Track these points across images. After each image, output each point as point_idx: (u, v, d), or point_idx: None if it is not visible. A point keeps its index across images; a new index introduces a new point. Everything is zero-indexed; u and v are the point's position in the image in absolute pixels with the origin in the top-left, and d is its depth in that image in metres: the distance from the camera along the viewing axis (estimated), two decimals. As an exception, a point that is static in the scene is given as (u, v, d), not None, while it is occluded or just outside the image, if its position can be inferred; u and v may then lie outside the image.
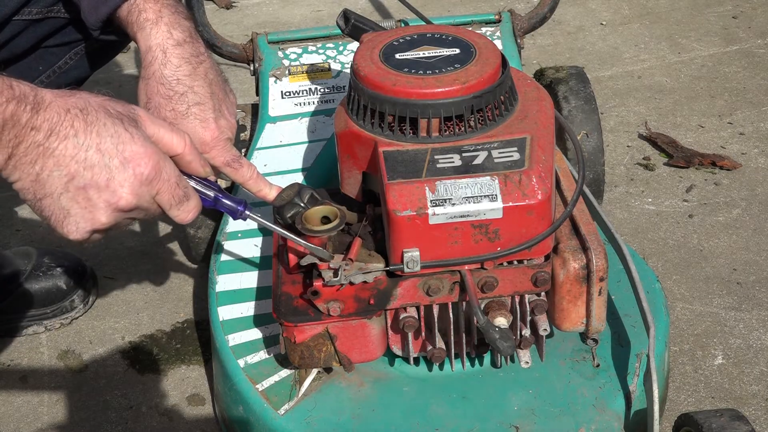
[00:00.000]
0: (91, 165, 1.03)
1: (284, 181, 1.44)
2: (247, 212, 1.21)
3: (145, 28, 1.29)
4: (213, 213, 1.74)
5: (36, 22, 1.44)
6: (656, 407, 1.24)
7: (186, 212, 1.12)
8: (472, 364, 1.35)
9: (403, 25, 1.78)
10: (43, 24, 1.45)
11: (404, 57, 1.28)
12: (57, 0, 1.43)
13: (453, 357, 1.31)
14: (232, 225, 1.57)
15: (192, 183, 1.15)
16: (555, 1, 1.88)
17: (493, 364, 1.36)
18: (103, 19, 1.33)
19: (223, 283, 1.49)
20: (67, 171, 1.02)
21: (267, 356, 1.38)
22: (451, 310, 1.25)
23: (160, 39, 1.29)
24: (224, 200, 1.20)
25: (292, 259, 1.25)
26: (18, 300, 1.73)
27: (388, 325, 1.28)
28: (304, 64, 1.76)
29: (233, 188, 1.62)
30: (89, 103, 1.05)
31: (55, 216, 1.05)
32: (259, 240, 1.55)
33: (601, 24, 2.84)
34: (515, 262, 1.23)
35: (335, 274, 1.20)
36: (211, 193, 1.18)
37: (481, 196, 1.16)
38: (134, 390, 1.61)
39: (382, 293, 1.22)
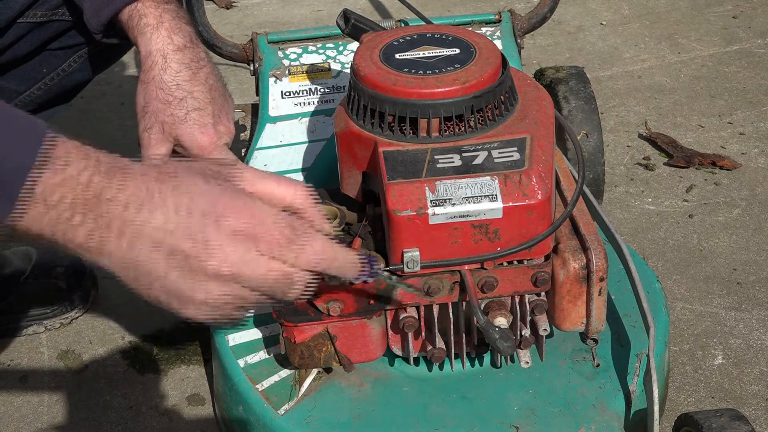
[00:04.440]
0: (183, 233, 0.88)
1: (284, 181, 1.44)
2: (379, 268, 1.05)
3: (146, 33, 1.29)
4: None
5: (40, 25, 1.44)
6: (656, 407, 1.24)
7: (304, 256, 0.91)
8: (472, 364, 1.36)
9: (403, 25, 1.78)
10: (47, 27, 1.45)
11: (404, 57, 1.28)
12: (61, 3, 1.43)
13: (453, 357, 1.31)
14: (232, 225, 1.57)
15: None
16: (555, 1, 1.88)
17: (493, 364, 1.36)
18: (104, 22, 1.33)
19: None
20: (165, 248, 0.88)
21: (267, 356, 1.38)
22: (451, 310, 1.25)
23: (161, 44, 1.29)
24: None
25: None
26: (18, 300, 1.73)
27: (388, 325, 1.28)
28: (304, 64, 1.76)
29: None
30: (178, 167, 0.91)
31: (168, 301, 0.91)
32: (259, 240, 1.55)
33: (601, 24, 2.84)
34: (515, 262, 1.23)
35: (335, 274, 1.20)
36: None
37: (481, 196, 1.16)
38: (134, 390, 1.61)
39: (382, 293, 1.22)
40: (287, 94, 1.73)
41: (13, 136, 0.83)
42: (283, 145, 1.66)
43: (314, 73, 1.75)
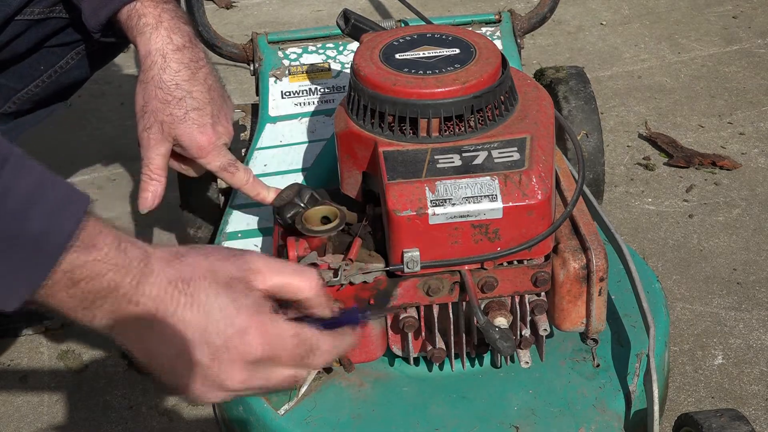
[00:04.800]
0: (194, 345, 0.89)
1: (284, 181, 1.44)
2: (367, 315, 1.11)
3: (145, 33, 1.29)
4: (213, 214, 1.74)
5: (38, 22, 1.44)
6: (656, 407, 1.24)
7: (312, 366, 0.98)
8: (472, 364, 1.35)
9: (403, 25, 1.78)
10: (45, 24, 1.45)
11: (404, 57, 1.28)
12: (58, 0, 1.43)
13: (453, 357, 1.31)
14: (232, 225, 1.57)
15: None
16: (555, 1, 1.88)
17: (493, 364, 1.36)
18: (102, 22, 1.33)
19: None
20: (174, 350, 0.90)
21: (267, 356, 1.38)
22: (451, 310, 1.25)
23: (160, 44, 1.29)
24: (343, 320, 1.05)
25: (292, 259, 1.25)
26: (18, 300, 1.72)
27: (388, 325, 1.28)
28: (304, 64, 1.76)
29: (231, 193, 1.62)
30: (195, 270, 0.91)
31: (173, 383, 0.93)
32: (259, 240, 1.55)
33: (601, 24, 2.84)
34: (515, 262, 1.23)
35: (335, 275, 1.20)
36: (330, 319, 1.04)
37: (481, 196, 1.16)
38: (134, 390, 1.61)
39: (382, 293, 1.22)
40: (287, 94, 1.73)
41: (54, 206, 0.84)
42: (283, 145, 1.66)
43: (314, 73, 1.75)
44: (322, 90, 1.73)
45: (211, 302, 0.90)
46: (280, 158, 1.64)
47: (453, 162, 1.19)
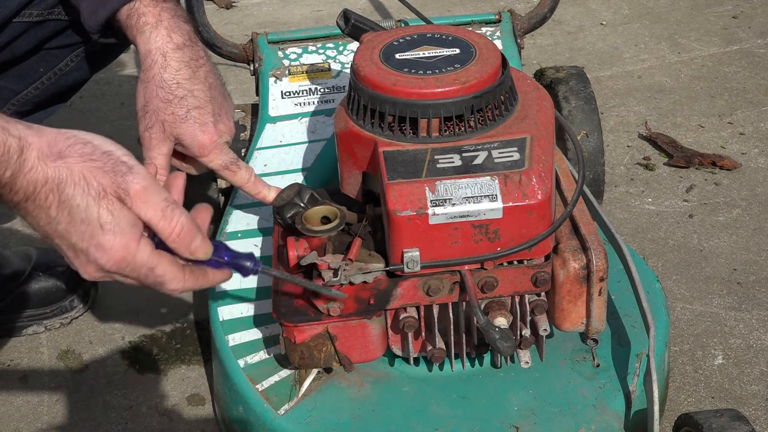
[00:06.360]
0: (61, 236, 1.01)
1: (284, 181, 1.44)
2: (261, 268, 1.14)
3: (145, 32, 1.29)
4: (213, 213, 1.74)
5: (36, 24, 1.44)
6: (656, 407, 1.24)
7: (170, 291, 1.08)
8: (472, 364, 1.35)
9: (403, 25, 1.78)
10: (44, 26, 1.45)
11: (404, 57, 1.28)
12: (57, 2, 1.43)
13: (453, 357, 1.31)
14: (232, 225, 1.57)
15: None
16: (555, 1, 1.88)
17: (493, 364, 1.36)
18: (101, 22, 1.33)
19: (223, 283, 1.49)
20: (47, 231, 1.01)
21: (267, 356, 1.38)
22: (451, 310, 1.25)
23: (160, 43, 1.29)
24: (234, 261, 1.12)
25: (292, 258, 1.25)
26: (18, 300, 1.73)
27: (388, 325, 1.28)
28: (304, 64, 1.76)
29: (232, 191, 1.62)
30: (72, 172, 0.98)
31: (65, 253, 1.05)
32: (259, 240, 1.55)
33: (601, 24, 2.84)
34: (515, 262, 1.23)
35: (335, 274, 1.20)
36: (219, 259, 1.11)
37: (481, 196, 1.16)
38: (134, 390, 1.61)
39: (382, 293, 1.22)
40: (287, 94, 1.73)
41: None
42: (283, 145, 1.66)
43: (314, 73, 1.75)
44: (322, 90, 1.73)
45: (80, 212, 0.98)
46: (280, 158, 1.64)
47: (453, 162, 1.19)
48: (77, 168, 0.98)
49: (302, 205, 1.29)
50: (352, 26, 1.50)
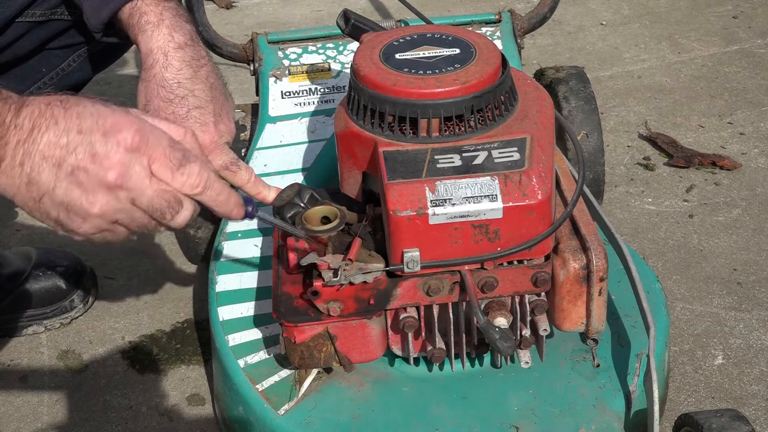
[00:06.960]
0: (74, 147, 0.98)
1: (284, 181, 1.44)
2: (259, 213, 1.17)
3: (147, 31, 1.29)
4: (212, 214, 1.74)
5: (39, 24, 1.44)
6: (656, 407, 1.24)
7: (191, 181, 1.04)
8: (472, 364, 1.35)
9: (403, 25, 1.78)
10: (46, 26, 1.45)
11: (404, 57, 1.28)
12: (60, 2, 1.43)
13: (453, 357, 1.31)
14: (232, 225, 1.57)
15: None
16: (555, 1, 1.88)
17: (493, 364, 1.36)
18: (104, 21, 1.33)
19: (223, 283, 1.49)
20: (54, 160, 0.98)
21: (267, 356, 1.38)
22: (451, 310, 1.25)
23: (162, 42, 1.29)
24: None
25: (292, 259, 1.25)
26: (18, 300, 1.73)
27: (388, 325, 1.28)
28: (304, 64, 1.76)
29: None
30: (71, 95, 1.02)
31: (58, 214, 1.01)
32: (259, 240, 1.55)
33: (601, 24, 2.85)
34: (515, 262, 1.23)
35: (335, 274, 1.20)
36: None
37: (481, 196, 1.16)
38: (134, 390, 1.61)
39: (382, 293, 1.22)
40: (287, 94, 1.73)
41: None
42: (283, 145, 1.66)
43: (314, 73, 1.75)
44: (322, 90, 1.73)
45: (87, 108, 1.00)
46: (280, 158, 1.64)
47: (453, 162, 1.19)
48: (74, 96, 1.01)
49: (302, 205, 1.29)
50: (352, 26, 1.50)
